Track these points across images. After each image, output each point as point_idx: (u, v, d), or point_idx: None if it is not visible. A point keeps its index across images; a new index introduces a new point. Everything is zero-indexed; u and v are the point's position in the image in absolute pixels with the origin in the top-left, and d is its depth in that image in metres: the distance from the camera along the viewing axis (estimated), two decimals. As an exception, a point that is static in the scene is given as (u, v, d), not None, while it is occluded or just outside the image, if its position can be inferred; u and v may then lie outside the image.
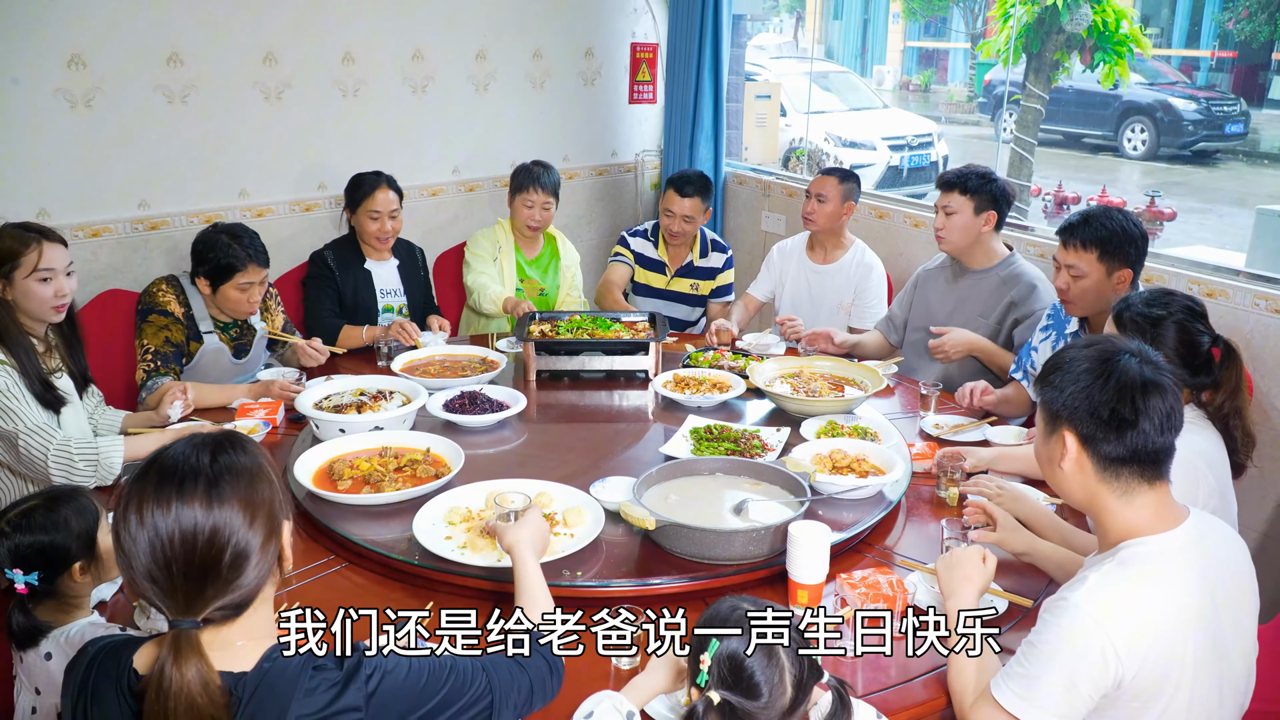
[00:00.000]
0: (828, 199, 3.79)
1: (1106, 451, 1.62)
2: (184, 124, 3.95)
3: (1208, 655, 1.60)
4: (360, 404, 2.83)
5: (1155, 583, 1.57)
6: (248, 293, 3.14)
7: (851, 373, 3.10)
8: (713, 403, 2.96)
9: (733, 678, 1.40)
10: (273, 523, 1.30)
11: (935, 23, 16.77)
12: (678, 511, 2.16)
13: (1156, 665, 1.54)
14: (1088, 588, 1.57)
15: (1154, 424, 1.59)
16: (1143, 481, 1.63)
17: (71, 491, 1.88)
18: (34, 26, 3.56)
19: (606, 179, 5.44)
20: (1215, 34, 12.53)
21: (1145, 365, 1.62)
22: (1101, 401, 1.60)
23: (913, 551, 2.22)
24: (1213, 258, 3.67)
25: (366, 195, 3.64)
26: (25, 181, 3.65)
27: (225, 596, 1.24)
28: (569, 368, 3.26)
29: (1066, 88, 10.20)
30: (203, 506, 1.23)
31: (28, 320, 2.60)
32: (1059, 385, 1.66)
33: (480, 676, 1.44)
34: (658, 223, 4.23)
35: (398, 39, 4.45)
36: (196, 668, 1.20)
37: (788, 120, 8.71)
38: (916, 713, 1.73)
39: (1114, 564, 1.61)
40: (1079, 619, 1.54)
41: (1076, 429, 1.64)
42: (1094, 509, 1.69)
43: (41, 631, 1.81)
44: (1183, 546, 1.62)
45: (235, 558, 1.24)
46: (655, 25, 5.36)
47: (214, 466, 1.27)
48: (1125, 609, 1.54)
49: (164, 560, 1.21)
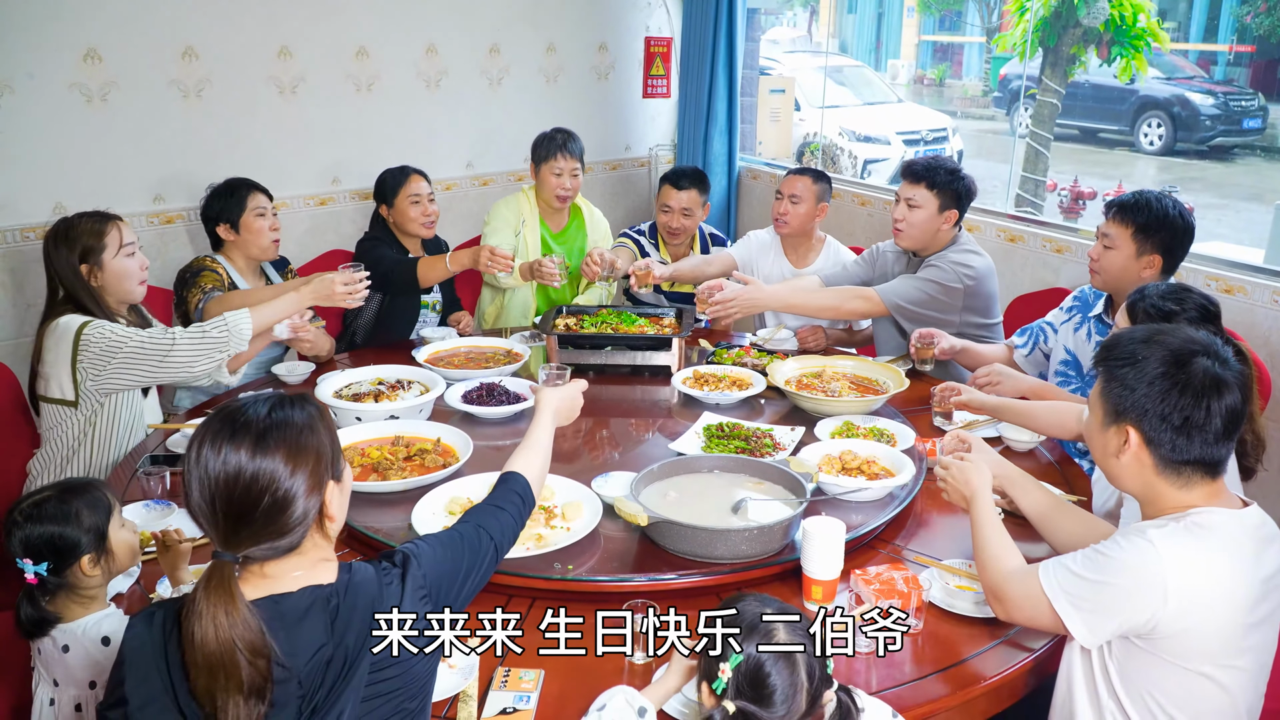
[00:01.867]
0: (802, 199, 3.65)
1: (1171, 455, 1.62)
2: (199, 118, 3.96)
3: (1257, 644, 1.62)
4: (378, 393, 2.87)
5: (1227, 552, 1.59)
6: (265, 218, 3.26)
7: (874, 373, 3.05)
8: (731, 400, 2.93)
9: (753, 690, 1.41)
10: (317, 478, 1.38)
11: (950, 17, 16.68)
12: (676, 509, 2.14)
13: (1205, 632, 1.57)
14: (1167, 533, 1.60)
15: (1220, 425, 1.60)
16: (1205, 476, 1.65)
17: (85, 484, 1.89)
18: (49, 22, 3.57)
19: (620, 174, 5.43)
20: (1233, 28, 12.42)
21: (1217, 363, 1.61)
22: (1176, 408, 1.60)
23: (927, 548, 2.21)
24: (1231, 253, 3.64)
25: (402, 182, 3.62)
26: (41, 176, 3.67)
27: (265, 540, 1.34)
28: (592, 362, 3.25)
29: (1083, 82, 10.13)
30: (249, 454, 1.33)
31: (113, 304, 2.70)
32: (1130, 384, 1.64)
33: (481, 533, 1.61)
34: (655, 223, 4.08)
35: (411, 33, 4.46)
36: (224, 595, 1.28)
37: (802, 115, 8.67)
38: (931, 709, 1.72)
39: (1186, 525, 1.62)
40: (1151, 554, 1.57)
41: (1143, 428, 1.63)
42: (1149, 496, 1.70)
43: (49, 623, 1.82)
44: (1255, 526, 1.64)
45: (273, 505, 1.33)
46: (669, 19, 5.34)
47: (267, 419, 1.38)
48: (1195, 566, 1.57)
49: (210, 497, 1.33)
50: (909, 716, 1.66)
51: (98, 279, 2.64)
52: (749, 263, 3.86)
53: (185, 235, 4.02)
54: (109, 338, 2.56)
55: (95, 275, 2.64)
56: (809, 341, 3.53)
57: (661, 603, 1.71)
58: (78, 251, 2.62)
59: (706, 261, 3.81)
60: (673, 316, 3.44)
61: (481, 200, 4.85)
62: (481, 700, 1.69)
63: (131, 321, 2.77)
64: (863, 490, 2.29)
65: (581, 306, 3.54)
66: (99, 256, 2.63)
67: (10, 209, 3.62)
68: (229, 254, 3.30)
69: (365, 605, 1.38)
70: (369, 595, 1.39)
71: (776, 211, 3.72)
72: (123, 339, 2.57)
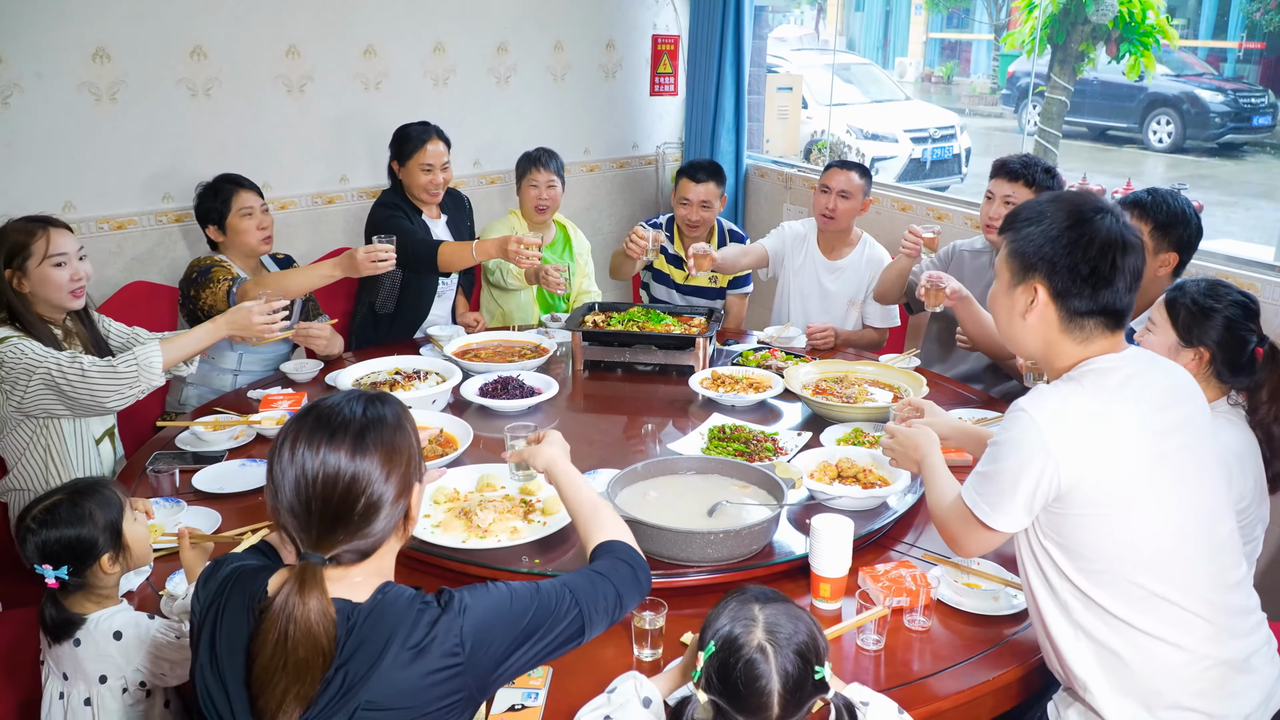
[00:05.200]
0: (851, 195, 3.63)
1: (1077, 306, 1.65)
2: (207, 117, 3.97)
3: (1173, 482, 1.62)
4: (393, 382, 2.94)
5: (1100, 392, 1.62)
6: (253, 217, 3.26)
7: (894, 379, 2.99)
8: (747, 402, 2.90)
9: (721, 684, 1.41)
10: (406, 481, 1.38)
11: (958, 14, 16.62)
12: (654, 509, 2.11)
13: (1107, 477, 1.58)
14: (1036, 394, 1.65)
15: (1126, 282, 1.64)
16: (1105, 330, 1.68)
17: (94, 484, 1.89)
18: (58, 20, 3.58)
19: (627, 171, 5.43)
20: (1243, 24, 12.35)
21: (1120, 224, 1.65)
22: (1084, 259, 1.63)
23: (936, 546, 2.21)
24: (1241, 251, 3.62)
25: (418, 148, 3.60)
26: (50, 175, 3.69)
27: (354, 541, 1.33)
28: (617, 359, 3.25)
29: (1091, 79, 10.08)
30: (348, 455, 1.32)
31: (47, 310, 2.62)
32: (1036, 240, 1.68)
33: (564, 593, 1.46)
34: (673, 216, 4.09)
35: (419, 32, 4.46)
36: (317, 599, 1.27)
37: (809, 113, 8.65)
38: (939, 707, 1.72)
39: (1064, 379, 1.67)
40: (1025, 420, 1.61)
41: (1052, 282, 1.66)
42: (1049, 355, 1.73)
43: (75, 624, 1.83)
44: (1136, 364, 1.67)
45: (368, 507, 1.33)
46: (676, 17, 5.34)
47: (363, 418, 1.36)
48: (1067, 416, 1.60)
49: (305, 498, 1.31)
50: (917, 714, 1.66)
51: (24, 285, 2.56)
52: (780, 254, 3.88)
53: (195, 233, 4.03)
54: (25, 355, 2.45)
55: (21, 281, 2.56)
56: (818, 339, 3.51)
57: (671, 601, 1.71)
58: (2, 255, 2.54)
59: (743, 252, 3.83)
60: (703, 317, 3.42)
61: (489, 198, 4.86)
62: (490, 698, 1.69)
63: (71, 330, 2.70)
64: (847, 498, 2.23)
65: (612, 303, 3.56)
66: (24, 263, 2.54)
67: (20, 208, 3.62)
68: (226, 253, 3.31)
69: (384, 631, 1.31)
70: (391, 623, 1.32)
71: (823, 207, 3.67)
72: (39, 358, 2.45)
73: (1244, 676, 1.65)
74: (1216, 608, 1.63)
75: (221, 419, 2.75)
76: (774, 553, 2.07)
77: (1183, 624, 1.61)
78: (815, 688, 1.41)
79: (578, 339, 3.22)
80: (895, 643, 1.87)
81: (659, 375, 3.22)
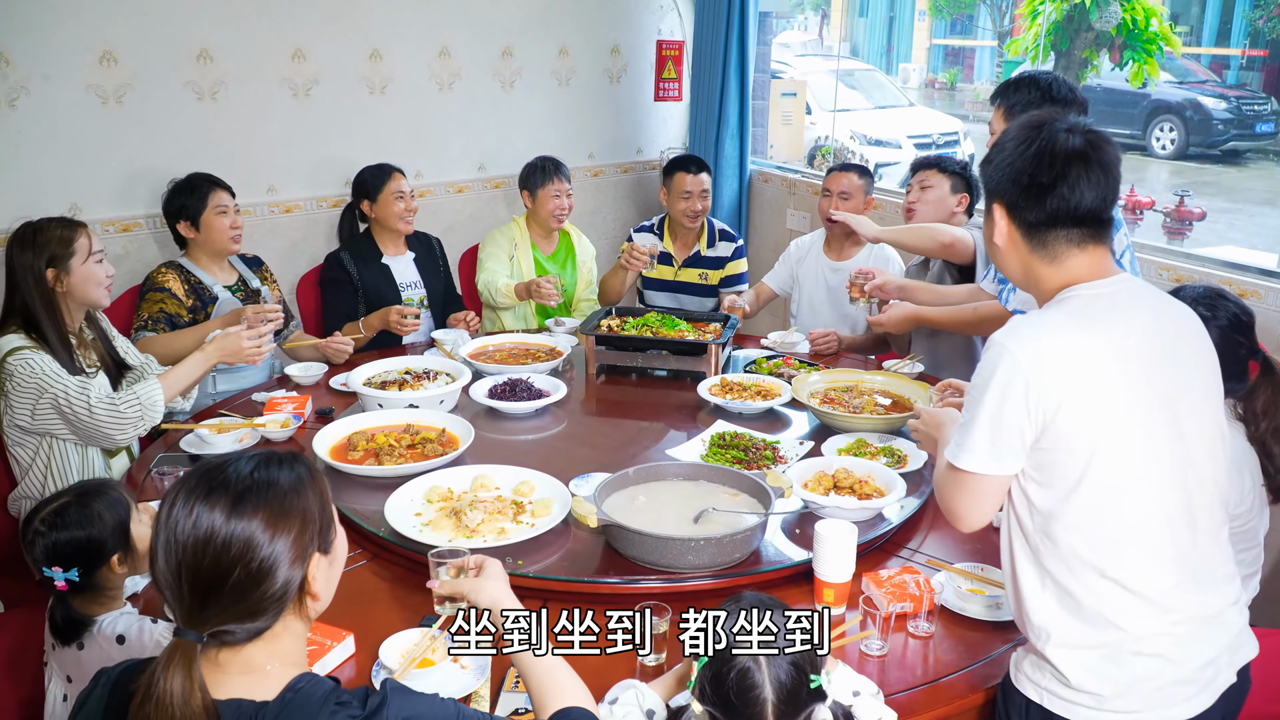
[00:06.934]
0: (851, 196, 3.73)
1: (1029, 219, 1.62)
2: (213, 120, 3.98)
3: (1159, 421, 1.55)
4: (403, 381, 2.97)
5: (1081, 320, 1.57)
6: (226, 215, 3.29)
7: (904, 390, 2.95)
8: (754, 410, 2.89)
9: (714, 694, 1.39)
10: (301, 549, 1.21)
11: (962, 20, 16.63)
12: (642, 514, 2.10)
13: (1086, 410, 1.51)
14: (1013, 326, 1.59)
15: (1071, 188, 1.57)
16: (1070, 245, 1.62)
17: (101, 485, 1.90)
18: (65, 23, 3.60)
19: (631, 176, 5.44)
20: (1246, 32, 12.35)
21: (1074, 135, 1.59)
22: (1022, 169, 1.60)
23: (940, 551, 2.21)
24: (1243, 258, 3.62)
25: (387, 179, 3.70)
26: (57, 177, 3.69)
27: (233, 616, 1.17)
28: (629, 364, 3.26)
29: (1094, 86, 10.09)
30: (223, 515, 1.17)
31: (72, 312, 2.65)
32: (993, 161, 1.67)
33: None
34: (663, 217, 4.20)
35: (425, 36, 4.47)
36: (181, 681, 1.12)
37: (813, 118, 8.65)
38: (943, 713, 1.72)
39: (1040, 310, 1.63)
40: (1002, 356, 1.54)
41: (1003, 199, 1.65)
42: (1031, 282, 1.69)
43: (84, 625, 1.83)
44: (1120, 291, 1.61)
45: (246, 577, 1.16)
46: (681, 22, 5.35)
47: (249, 478, 1.21)
48: (1046, 345, 1.54)
49: (175, 563, 1.16)
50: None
51: (64, 284, 2.58)
52: (793, 272, 3.99)
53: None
54: (37, 373, 2.47)
55: (61, 281, 2.58)
56: (820, 344, 3.51)
57: (673, 604, 1.71)
58: (45, 257, 2.56)
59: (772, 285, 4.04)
60: (719, 323, 3.43)
61: (493, 203, 4.86)
62: (494, 700, 1.69)
63: (86, 341, 2.72)
64: (839, 509, 2.21)
65: (628, 308, 3.57)
66: (67, 262, 2.57)
67: (28, 209, 3.62)
68: (193, 253, 3.33)
69: None
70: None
71: (826, 210, 3.76)
72: (50, 380, 2.47)
73: (1209, 629, 1.58)
74: (1187, 556, 1.56)
75: (226, 421, 2.76)
76: (761, 560, 2.07)
77: (1150, 572, 1.54)
78: (811, 697, 1.40)
79: (591, 343, 3.23)
80: (899, 648, 1.87)
81: (672, 380, 3.22)
